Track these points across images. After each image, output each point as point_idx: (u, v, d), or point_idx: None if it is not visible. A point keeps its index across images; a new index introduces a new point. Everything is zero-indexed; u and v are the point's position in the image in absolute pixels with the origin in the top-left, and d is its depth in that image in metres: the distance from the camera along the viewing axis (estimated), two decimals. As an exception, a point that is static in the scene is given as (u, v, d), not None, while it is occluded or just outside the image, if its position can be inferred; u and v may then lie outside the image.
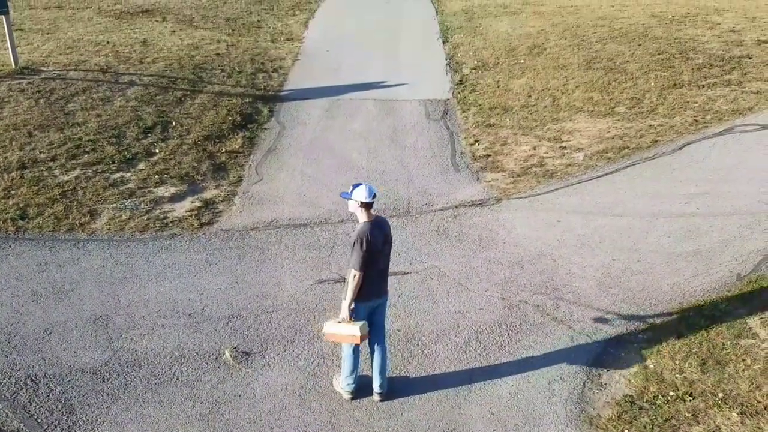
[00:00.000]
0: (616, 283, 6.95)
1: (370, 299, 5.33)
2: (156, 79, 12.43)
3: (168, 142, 10.12)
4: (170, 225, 8.11)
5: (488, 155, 10.10)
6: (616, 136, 10.25)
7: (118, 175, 9.13)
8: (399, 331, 6.27)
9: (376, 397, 5.54)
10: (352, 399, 5.50)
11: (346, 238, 7.84)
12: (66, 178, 8.91)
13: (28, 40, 14.41)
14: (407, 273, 7.19)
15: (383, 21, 19.03)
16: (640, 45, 14.02)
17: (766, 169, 8.94)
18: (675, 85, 11.92)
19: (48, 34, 15.10)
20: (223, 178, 9.36)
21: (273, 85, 13.08)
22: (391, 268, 5.67)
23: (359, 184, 5.29)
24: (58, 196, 8.45)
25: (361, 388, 5.49)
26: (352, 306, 5.24)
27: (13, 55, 12.24)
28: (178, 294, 6.82)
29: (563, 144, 10.23)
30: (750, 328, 6.05)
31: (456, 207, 8.63)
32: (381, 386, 5.50)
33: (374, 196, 5.25)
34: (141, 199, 8.62)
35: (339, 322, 5.27)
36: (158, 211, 8.40)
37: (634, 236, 7.76)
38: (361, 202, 5.21)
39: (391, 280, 6.62)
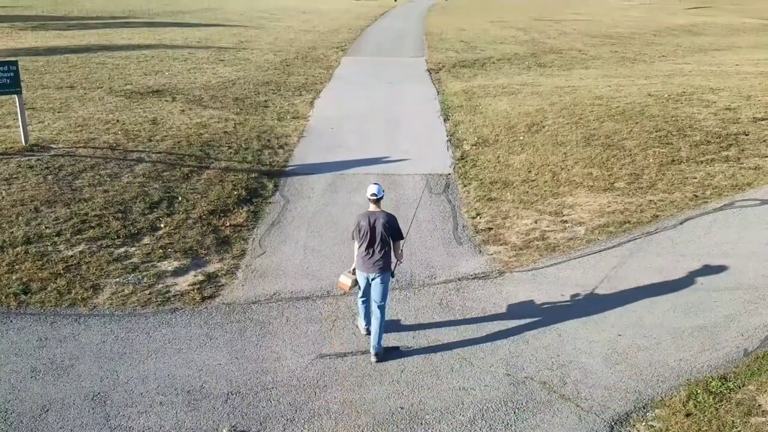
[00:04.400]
0: (623, 359, 6.84)
1: (362, 270, 6.93)
2: (164, 155, 12.70)
3: (173, 216, 10.23)
4: (172, 299, 8.09)
5: (490, 228, 10.17)
6: (616, 211, 10.34)
7: (122, 249, 9.19)
8: (402, 408, 6.14)
9: (372, 359, 6.84)
10: (366, 334, 7.16)
11: (348, 311, 7.82)
12: (70, 252, 8.96)
13: (40, 118, 14.84)
14: (410, 347, 7.10)
15: (386, 100, 19.60)
16: (637, 123, 14.34)
17: (767, 244, 8.96)
18: (673, 161, 12.11)
19: (59, 112, 15.55)
20: (226, 251, 9.41)
21: (278, 161, 13.34)
22: (395, 342, 6.15)
23: (374, 184, 7.03)
24: (61, 271, 8.48)
25: None
26: (353, 267, 7.06)
27: (24, 133, 12.58)
28: (177, 370, 6.72)
29: (564, 218, 10.31)
30: (759, 405, 5.91)
31: (459, 280, 8.61)
32: (373, 347, 6.86)
33: (373, 195, 6.90)
34: (144, 273, 8.64)
35: (348, 274, 7.12)
36: (161, 285, 8.40)
37: (639, 311, 7.70)
38: (367, 196, 6.99)
39: (394, 355, 6.58)
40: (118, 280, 8.43)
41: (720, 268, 8.46)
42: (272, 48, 30.68)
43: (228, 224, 10.17)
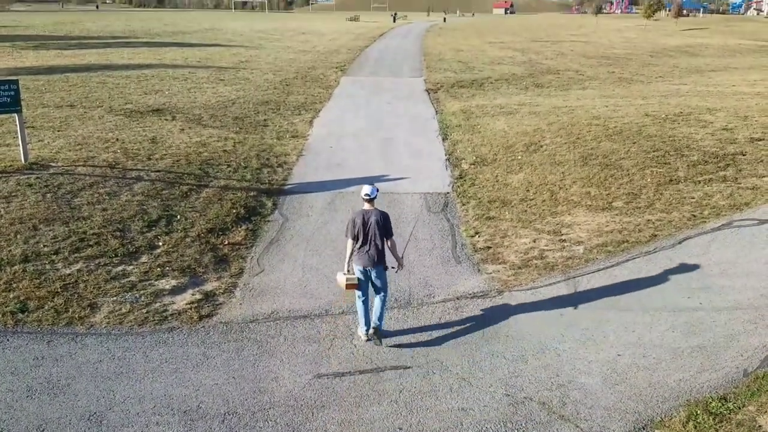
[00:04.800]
0: (623, 379, 6.81)
1: (358, 264, 7.36)
2: (163, 174, 12.73)
3: (172, 235, 10.22)
4: (169, 318, 8.05)
5: (489, 247, 10.17)
6: (615, 230, 10.35)
7: (120, 268, 9.17)
8: (401, 429, 6.09)
9: (371, 331, 7.52)
10: (367, 340, 7.51)
11: (346, 330, 7.80)
12: (68, 271, 8.93)
13: (39, 136, 14.89)
14: (409, 367, 7.06)
15: (385, 119, 19.71)
16: (634, 143, 14.41)
17: (766, 263, 8.97)
18: (671, 181, 12.15)
19: (59, 131, 15.61)
20: (224, 270, 9.39)
21: (277, 180, 13.37)
22: (393, 362, 6.66)
23: (368, 185, 7.47)
24: (59, 290, 8.45)
25: None
26: (350, 264, 7.42)
27: (23, 151, 12.61)
28: (173, 390, 6.67)
29: (563, 237, 10.31)
30: (760, 426, 5.87)
31: (457, 299, 8.59)
32: (374, 323, 7.48)
33: (367, 194, 7.36)
34: (142, 292, 8.61)
35: (344, 273, 7.41)
36: (158, 303, 8.37)
37: (638, 330, 7.67)
38: (362, 195, 7.42)
39: (392, 375, 6.84)
40: (115, 298, 8.40)
41: (719, 288, 8.45)
42: (272, 68, 30.91)
43: (226, 242, 10.16)
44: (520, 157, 14.31)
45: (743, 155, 13.31)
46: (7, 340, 7.45)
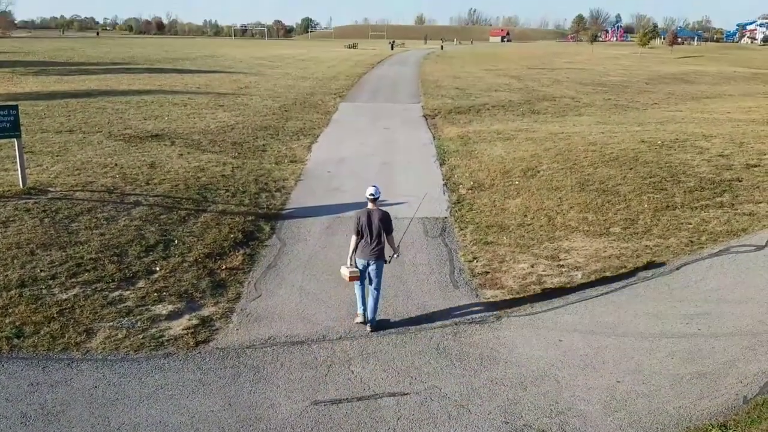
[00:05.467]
0: (622, 405, 6.76)
1: (361, 257, 8.25)
2: (161, 199, 12.74)
3: (169, 260, 10.20)
4: (165, 344, 7.99)
5: (487, 272, 10.16)
6: (612, 256, 10.36)
7: (117, 293, 9.13)
8: (398, 456, 6.02)
9: (367, 328, 8.29)
10: (362, 323, 8.37)
11: (344, 355, 7.75)
12: (64, 296, 8.89)
13: (38, 161, 14.93)
14: (407, 394, 7.00)
15: (383, 145, 19.82)
16: (631, 169, 14.49)
17: (763, 290, 8.96)
18: (668, 206, 12.20)
19: (58, 156, 15.66)
20: (221, 294, 9.35)
21: (275, 204, 13.39)
22: (391, 388, 6.65)
23: (372, 186, 8.48)
24: (55, 315, 8.40)
25: None
26: (353, 258, 8.31)
27: (21, 176, 12.64)
28: (169, 417, 6.60)
29: (561, 262, 10.31)
30: (763, 454, 5.81)
31: (456, 324, 8.56)
32: (371, 321, 8.33)
33: (371, 195, 8.35)
34: (138, 317, 8.56)
35: (347, 267, 8.34)
36: (154, 329, 8.31)
37: (637, 357, 7.63)
38: (366, 196, 8.38)
39: (390, 402, 6.81)
40: (111, 324, 8.34)
41: (717, 314, 8.43)
42: (271, 94, 31.14)
43: (224, 267, 10.14)
44: (517, 183, 14.38)
45: (739, 181, 13.38)
46: (2, 365, 7.38)
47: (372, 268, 8.26)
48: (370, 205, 8.39)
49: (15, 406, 6.68)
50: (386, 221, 8.27)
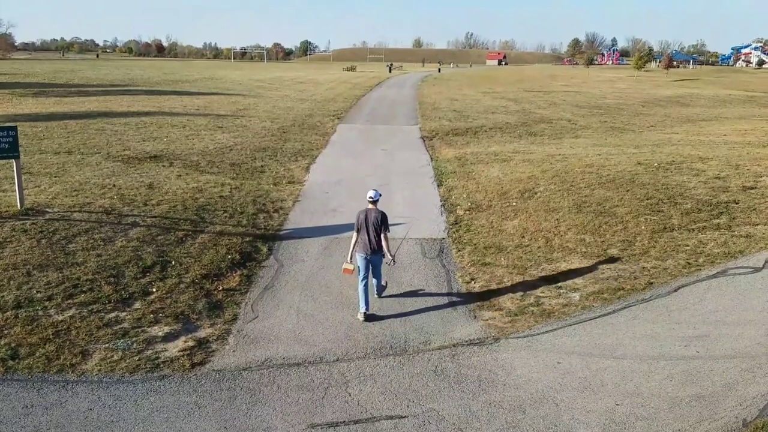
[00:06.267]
0: (622, 429, 6.70)
1: (361, 252, 9.26)
2: (159, 220, 12.74)
3: (166, 281, 10.17)
4: (161, 365, 7.94)
5: (484, 293, 10.12)
6: (610, 278, 10.35)
7: (113, 314, 9.08)
8: (395, 480, 5.95)
9: (360, 316, 9.16)
10: (364, 321, 9.11)
11: (341, 377, 7.69)
12: (60, 317, 8.84)
13: (36, 182, 14.94)
14: (404, 417, 6.94)
15: (381, 166, 19.88)
16: (628, 190, 14.54)
17: (762, 311, 8.94)
18: (665, 228, 12.22)
19: (56, 177, 15.67)
20: (218, 316, 9.31)
21: (273, 225, 13.39)
22: (388, 411, 6.49)
23: (373, 189, 9.62)
24: (51, 336, 8.34)
25: None
26: (353, 254, 9.37)
27: (19, 197, 12.64)
28: (165, 439, 6.53)
29: (559, 284, 10.30)
30: (764, 478, 5.76)
31: (454, 346, 8.51)
32: (377, 291, 9.78)
33: (371, 197, 9.43)
34: (134, 338, 8.51)
35: (347, 262, 9.41)
36: (150, 351, 8.26)
37: (636, 379, 7.59)
38: (367, 198, 9.47)
39: (388, 425, 6.69)
40: (107, 345, 8.29)
41: (715, 336, 8.40)
42: (269, 115, 31.30)
43: (221, 288, 10.11)
44: (514, 204, 14.41)
45: (736, 203, 13.42)
46: (-4, 387, 7.31)
47: (372, 262, 9.32)
48: (370, 206, 9.37)
49: (9, 429, 6.61)
50: (383, 219, 9.24)
